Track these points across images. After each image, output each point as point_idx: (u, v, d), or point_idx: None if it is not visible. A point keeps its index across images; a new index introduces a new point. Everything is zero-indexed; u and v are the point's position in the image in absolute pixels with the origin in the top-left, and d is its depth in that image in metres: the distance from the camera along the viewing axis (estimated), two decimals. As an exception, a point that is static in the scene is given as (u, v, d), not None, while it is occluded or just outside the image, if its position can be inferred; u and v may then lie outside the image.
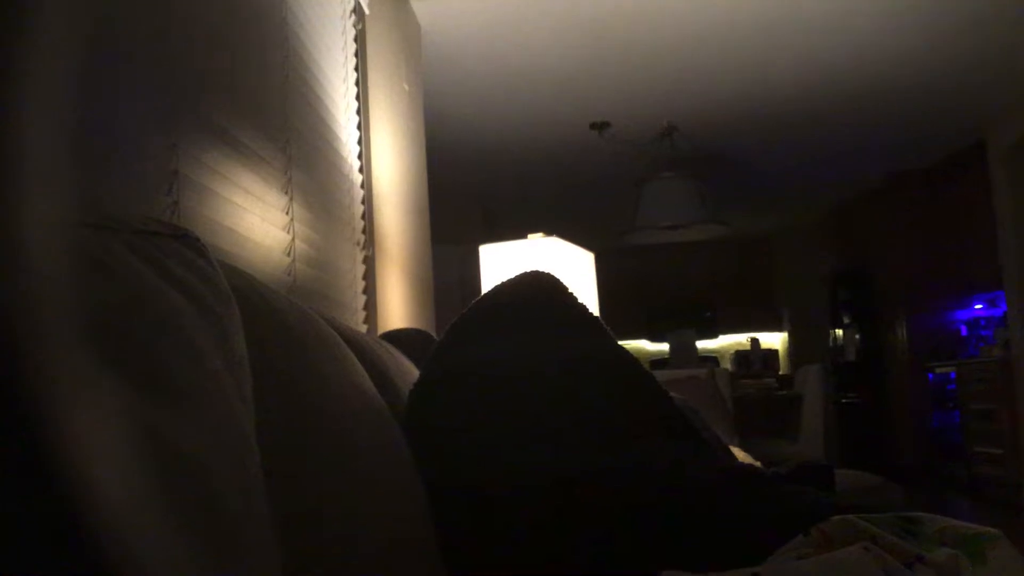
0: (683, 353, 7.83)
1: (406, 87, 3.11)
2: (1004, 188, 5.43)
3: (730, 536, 0.95)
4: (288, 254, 1.71)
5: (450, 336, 1.16)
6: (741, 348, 9.48)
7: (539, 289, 1.16)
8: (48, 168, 0.35)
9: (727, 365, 9.30)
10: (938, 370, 6.36)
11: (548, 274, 1.18)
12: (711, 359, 9.11)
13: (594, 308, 3.27)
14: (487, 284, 3.33)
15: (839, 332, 7.92)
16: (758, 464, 1.69)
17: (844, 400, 7.60)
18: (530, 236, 3.23)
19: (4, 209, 0.32)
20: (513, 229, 3.80)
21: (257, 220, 1.55)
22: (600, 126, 5.17)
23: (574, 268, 3.33)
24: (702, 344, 9.31)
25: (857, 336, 7.52)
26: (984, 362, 5.73)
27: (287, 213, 1.73)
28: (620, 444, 1.03)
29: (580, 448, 1.01)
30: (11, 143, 0.32)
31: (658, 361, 8.78)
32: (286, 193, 1.73)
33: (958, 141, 5.94)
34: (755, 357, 9.17)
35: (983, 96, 5.06)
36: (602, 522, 0.96)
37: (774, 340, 9.63)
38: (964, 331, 6.55)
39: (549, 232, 3.22)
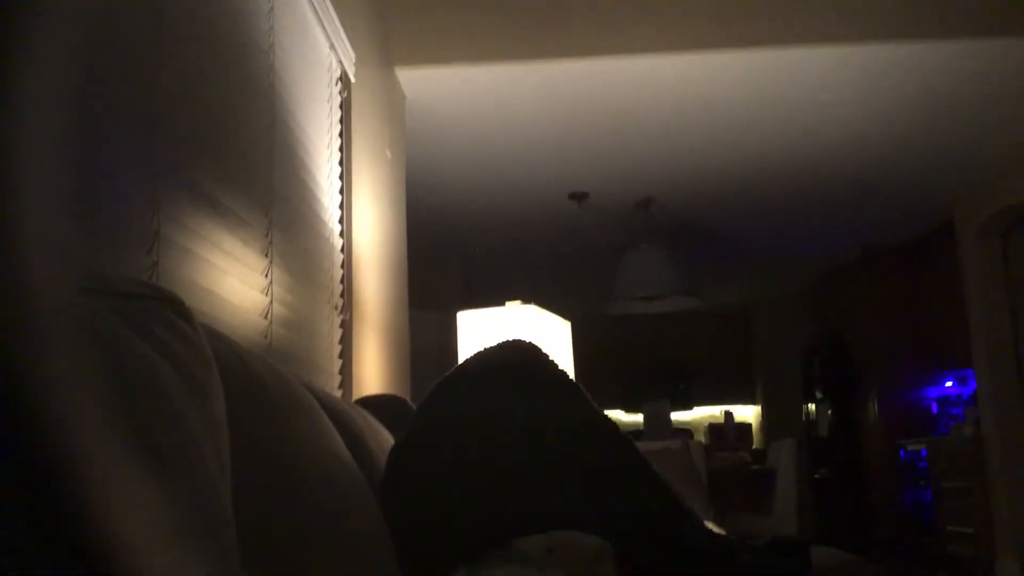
0: (657, 424, 7.80)
1: (388, 154, 3.15)
2: (973, 267, 5.54)
3: None
4: (265, 316, 1.71)
5: (432, 399, 1.16)
6: (715, 421, 9.46)
7: (521, 356, 1.17)
8: (37, 229, 0.36)
9: (701, 438, 9.27)
10: (910, 447, 6.38)
11: (529, 343, 1.19)
12: (685, 432, 9.08)
13: (571, 376, 3.27)
14: (464, 350, 3.32)
15: (812, 407, 7.95)
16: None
17: (817, 476, 7.59)
18: (508, 303, 3.24)
19: None
20: (492, 296, 3.82)
21: (236, 282, 1.55)
22: (579, 196, 5.23)
23: (551, 336, 3.34)
24: (676, 416, 9.29)
25: (829, 411, 7.55)
26: (955, 440, 5.76)
27: (266, 276, 1.73)
28: (601, 499, 1.03)
29: (561, 503, 1.02)
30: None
31: (632, 433, 8.73)
32: (266, 256, 1.73)
33: (929, 220, 6.07)
34: (729, 430, 9.16)
35: (952, 177, 5.19)
36: None
37: (747, 413, 9.64)
38: (935, 408, 6.60)
39: (527, 300, 3.23)
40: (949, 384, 6.40)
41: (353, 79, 2.55)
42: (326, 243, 2.23)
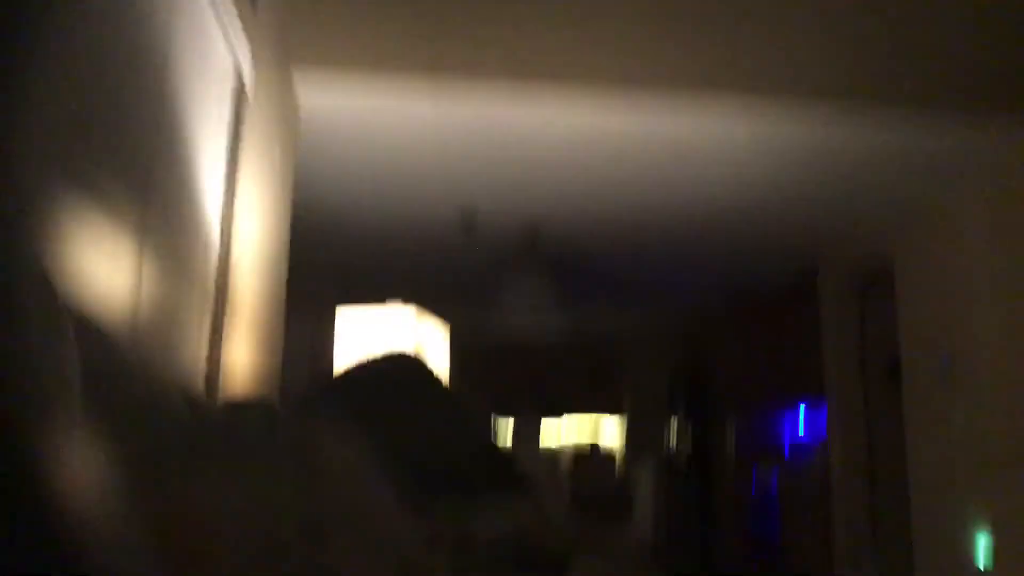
0: (526, 446, 7.90)
1: (278, 156, 3.11)
2: (830, 317, 5.88)
3: None
4: (134, 313, 1.67)
5: (313, 404, 1.16)
6: (581, 451, 9.70)
7: (403, 370, 1.18)
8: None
9: (567, 466, 9.51)
10: (762, 469, 6.72)
11: (414, 357, 1.21)
12: (552, 458, 9.25)
13: (451, 391, 3.29)
14: (341, 347, 3.30)
15: (674, 429, 8.36)
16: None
17: (676, 495, 7.91)
18: (388, 302, 3.25)
19: None
20: (370, 301, 3.79)
21: (104, 272, 1.51)
22: (467, 219, 5.27)
23: (428, 338, 3.36)
24: (547, 420, 9.44)
25: (689, 432, 7.97)
26: (804, 472, 6.08)
27: (137, 269, 1.69)
28: (479, 512, 1.05)
29: (440, 514, 1.03)
30: None
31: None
32: (138, 250, 1.70)
33: (793, 272, 6.40)
34: (596, 462, 9.40)
35: (815, 234, 5.51)
36: None
37: (613, 428, 9.91)
38: (787, 436, 6.94)
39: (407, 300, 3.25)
40: (802, 413, 6.74)
41: (247, 77, 2.52)
42: (203, 239, 2.19)
